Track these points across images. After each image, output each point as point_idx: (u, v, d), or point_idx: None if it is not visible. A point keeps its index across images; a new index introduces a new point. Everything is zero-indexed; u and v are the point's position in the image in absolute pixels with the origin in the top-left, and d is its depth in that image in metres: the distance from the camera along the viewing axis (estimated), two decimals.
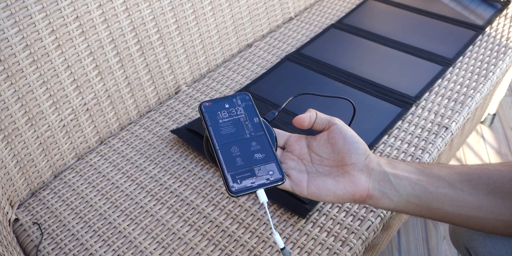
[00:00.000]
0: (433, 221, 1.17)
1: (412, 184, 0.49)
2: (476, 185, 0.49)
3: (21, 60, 0.67)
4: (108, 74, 0.80)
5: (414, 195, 0.49)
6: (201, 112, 0.50)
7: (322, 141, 0.50)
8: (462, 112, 0.80)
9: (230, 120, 0.50)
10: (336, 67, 0.92)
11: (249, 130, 0.50)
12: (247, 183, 0.46)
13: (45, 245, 0.67)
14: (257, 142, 0.49)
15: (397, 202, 0.49)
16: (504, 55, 0.92)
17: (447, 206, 0.49)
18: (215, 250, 0.63)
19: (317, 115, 0.50)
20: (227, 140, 0.49)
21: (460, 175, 0.50)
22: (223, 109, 0.51)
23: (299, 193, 0.48)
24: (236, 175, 0.46)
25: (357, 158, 0.48)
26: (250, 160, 0.47)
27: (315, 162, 0.50)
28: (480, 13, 1.05)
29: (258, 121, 0.50)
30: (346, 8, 1.12)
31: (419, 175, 0.49)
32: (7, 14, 0.64)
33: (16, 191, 0.73)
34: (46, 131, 0.74)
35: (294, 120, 0.50)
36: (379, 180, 0.48)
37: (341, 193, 0.48)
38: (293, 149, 0.51)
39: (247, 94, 0.53)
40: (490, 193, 0.48)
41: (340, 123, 0.50)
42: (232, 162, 0.47)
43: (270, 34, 1.07)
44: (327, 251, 0.61)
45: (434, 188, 0.49)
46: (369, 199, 0.48)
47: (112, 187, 0.74)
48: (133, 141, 0.82)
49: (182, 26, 0.89)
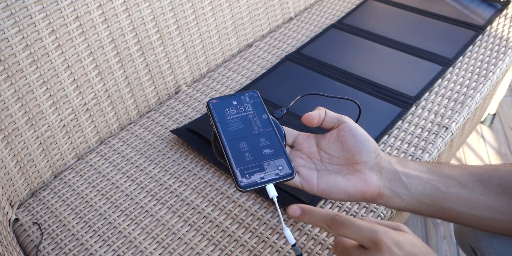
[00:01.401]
0: (433, 221, 1.17)
1: (424, 183, 0.48)
2: (487, 185, 0.48)
3: (21, 60, 0.67)
4: (108, 74, 0.80)
5: (425, 194, 0.48)
6: (209, 109, 0.50)
7: (332, 140, 0.49)
8: (462, 112, 0.80)
9: (238, 117, 0.50)
10: (336, 67, 0.92)
11: (257, 126, 0.49)
12: (256, 178, 0.45)
13: (45, 245, 0.67)
14: (266, 137, 0.48)
15: (408, 202, 0.48)
16: (504, 55, 0.92)
17: (458, 206, 0.48)
18: (215, 250, 0.63)
19: (326, 113, 0.50)
20: (235, 136, 0.48)
21: (472, 175, 0.49)
22: (231, 106, 0.51)
23: (308, 190, 0.47)
24: (245, 170, 0.45)
25: (367, 157, 0.47)
26: (259, 155, 0.47)
27: (325, 160, 0.49)
28: (480, 13, 1.05)
29: (266, 117, 0.50)
30: (346, 8, 1.12)
31: (431, 174, 0.49)
32: (7, 14, 0.64)
33: (16, 191, 0.73)
34: (46, 131, 0.74)
35: (303, 118, 0.50)
36: (390, 179, 0.48)
37: (351, 191, 0.47)
38: (302, 148, 0.51)
39: (255, 91, 0.52)
40: (502, 193, 0.48)
41: (349, 121, 0.49)
42: (241, 157, 0.46)
43: (270, 34, 1.07)
44: (327, 251, 0.61)
45: (445, 187, 0.48)
46: (380, 198, 0.48)
47: (112, 187, 0.74)
48: (133, 141, 0.82)
49: (182, 26, 0.89)
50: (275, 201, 0.46)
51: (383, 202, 0.48)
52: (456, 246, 1.11)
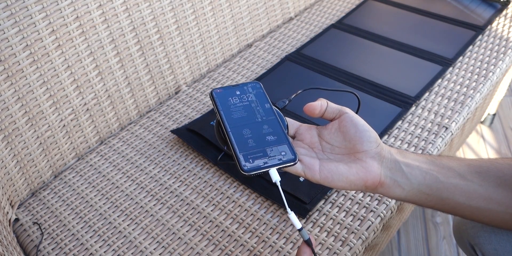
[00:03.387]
0: (433, 221, 1.17)
1: (423, 173, 0.49)
2: (486, 177, 0.49)
3: (21, 60, 0.67)
4: (108, 74, 0.80)
5: (425, 184, 0.49)
6: (212, 98, 0.51)
7: (333, 130, 0.50)
8: (462, 112, 0.80)
9: (241, 105, 0.50)
10: (336, 67, 0.92)
11: (260, 115, 0.50)
12: (259, 162, 0.45)
13: (45, 245, 0.67)
14: (269, 125, 0.49)
15: (408, 191, 0.49)
16: (504, 55, 0.92)
17: (457, 197, 0.49)
18: (215, 250, 0.63)
19: (328, 104, 0.51)
20: (238, 123, 0.49)
21: (470, 167, 0.50)
22: (235, 95, 0.51)
23: (310, 177, 0.48)
24: (248, 155, 0.46)
25: (368, 146, 0.48)
26: (262, 141, 0.47)
27: (326, 150, 0.50)
28: (480, 13, 1.05)
29: (269, 106, 0.50)
30: (346, 8, 1.12)
31: (430, 165, 0.50)
32: (7, 14, 0.64)
33: (16, 191, 0.73)
34: (46, 131, 0.74)
35: (305, 108, 0.51)
36: (390, 168, 0.48)
37: (353, 178, 0.47)
38: (304, 138, 0.51)
39: (258, 82, 0.53)
40: (500, 185, 0.48)
41: (350, 112, 0.50)
42: (244, 143, 0.47)
43: (270, 34, 1.07)
44: (327, 251, 0.61)
45: (445, 178, 0.49)
46: (381, 187, 0.48)
47: (112, 187, 0.74)
48: (133, 141, 0.82)
49: (182, 26, 0.89)
50: (278, 185, 0.46)
51: (383, 191, 0.49)
52: (456, 246, 1.11)
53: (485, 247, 0.55)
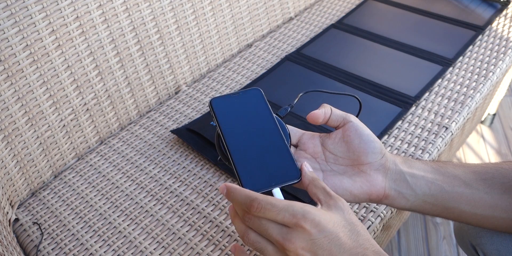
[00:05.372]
0: (433, 221, 1.17)
1: (429, 183, 0.48)
2: (491, 184, 0.48)
3: (21, 60, 0.67)
4: (108, 74, 0.80)
5: (430, 194, 0.48)
6: (212, 108, 0.48)
7: (337, 140, 0.49)
8: (462, 112, 0.80)
9: (241, 118, 0.48)
10: (336, 67, 0.92)
11: (261, 128, 0.48)
12: (262, 182, 0.44)
13: (45, 245, 0.67)
14: (271, 139, 0.47)
15: (413, 202, 0.48)
16: (504, 55, 0.92)
17: (463, 206, 0.48)
18: (215, 250, 0.63)
19: (332, 111, 0.49)
20: (239, 138, 0.47)
21: (475, 174, 0.49)
22: (234, 106, 0.49)
23: None
24: (250, 174, 0.44)
25: (373, 158, 0.47)
26: (264, 158, 0.45)
27: (330, 161, 0.49)
28: (480, 13, 1.05)
29: (270, 117, 0.48)
30: (346, 8, 1.12)
31: (435, 174, 0.49)
32: (7, 14, 0.64)
33: (16, 191, 0.73)
34: (46, 131, 0.74)
35: (309, 116, 0.49)
36: (395, 180, 0.48)
37: (357, 193, 0.47)
38: (307, 148, 0.50)
39: (258, 89, 0.51)
40: (505, 192, 0.48)
41: (355, 121, 0.49)
42: (246, 161, 0.45)
43: (270, 34, 1.07)
44: None
45: (450, 187, 0.48)
46: (385, 199, 0.48)
47: (112, 187, 0.74)
48: (133, 141, 0.82)
49: (182, 26, 0.89)
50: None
51: (388, 203, 0.49)
52: (456, 246, 1.11)
53: (487, 247, 0.54)
